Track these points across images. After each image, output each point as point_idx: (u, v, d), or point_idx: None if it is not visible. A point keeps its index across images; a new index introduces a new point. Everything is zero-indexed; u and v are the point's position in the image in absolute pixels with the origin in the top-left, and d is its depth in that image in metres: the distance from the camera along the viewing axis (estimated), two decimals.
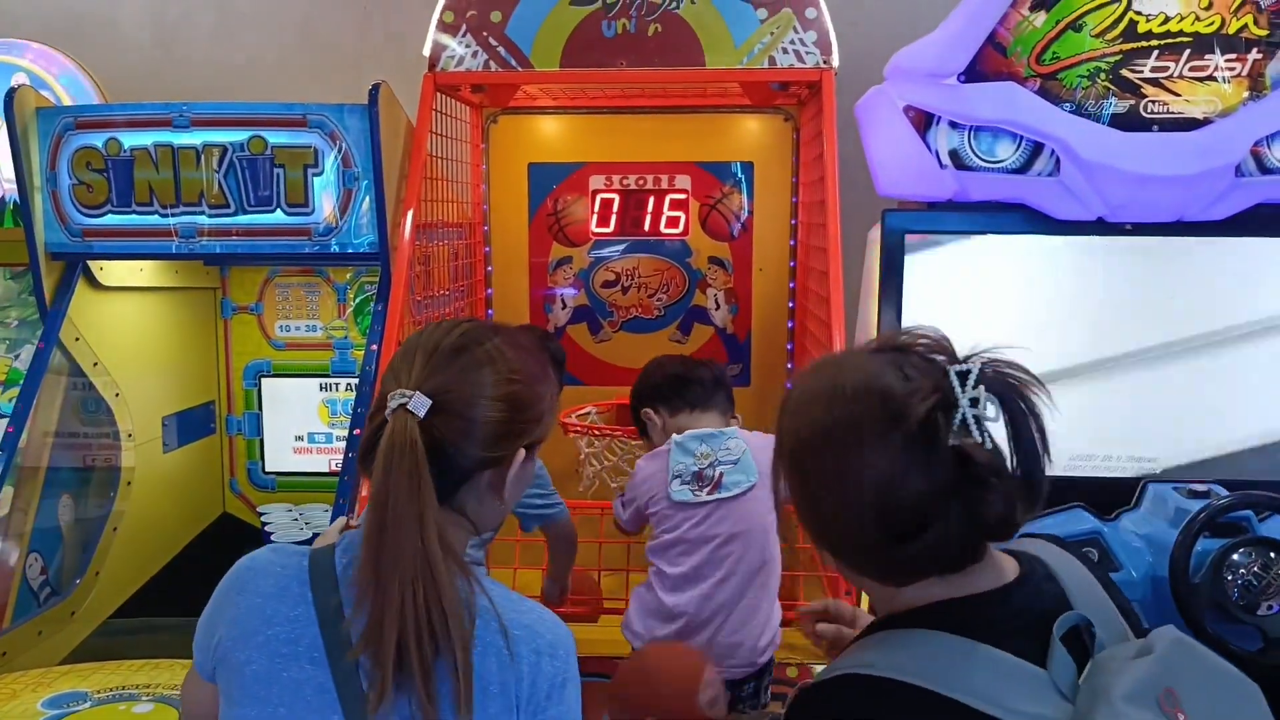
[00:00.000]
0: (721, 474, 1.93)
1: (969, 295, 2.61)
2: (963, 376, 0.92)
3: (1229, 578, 2.26)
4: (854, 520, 0.95)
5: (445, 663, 1.03)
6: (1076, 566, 1.03)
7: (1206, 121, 2.48)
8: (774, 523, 1.99)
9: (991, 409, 0.92)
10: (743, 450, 1.96)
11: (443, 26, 2.76)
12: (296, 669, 1.07)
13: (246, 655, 1.08)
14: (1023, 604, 0.97)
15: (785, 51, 2.69)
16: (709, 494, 1.93)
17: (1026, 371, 0.95)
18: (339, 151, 2.65)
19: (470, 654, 1.04)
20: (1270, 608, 2.25)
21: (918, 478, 0.91)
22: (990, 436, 0.92)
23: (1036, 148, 2.50)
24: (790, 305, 3.31)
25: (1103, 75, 2.48)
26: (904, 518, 0.93)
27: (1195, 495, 2.43)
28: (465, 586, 1.07)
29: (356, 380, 2.70)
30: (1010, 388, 0.93)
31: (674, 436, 1.98)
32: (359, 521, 1.10)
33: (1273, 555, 2.26)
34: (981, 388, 0.91)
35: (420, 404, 1.05)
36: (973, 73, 2.52)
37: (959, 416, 0.91)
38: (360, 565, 1.05)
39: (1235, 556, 2.26)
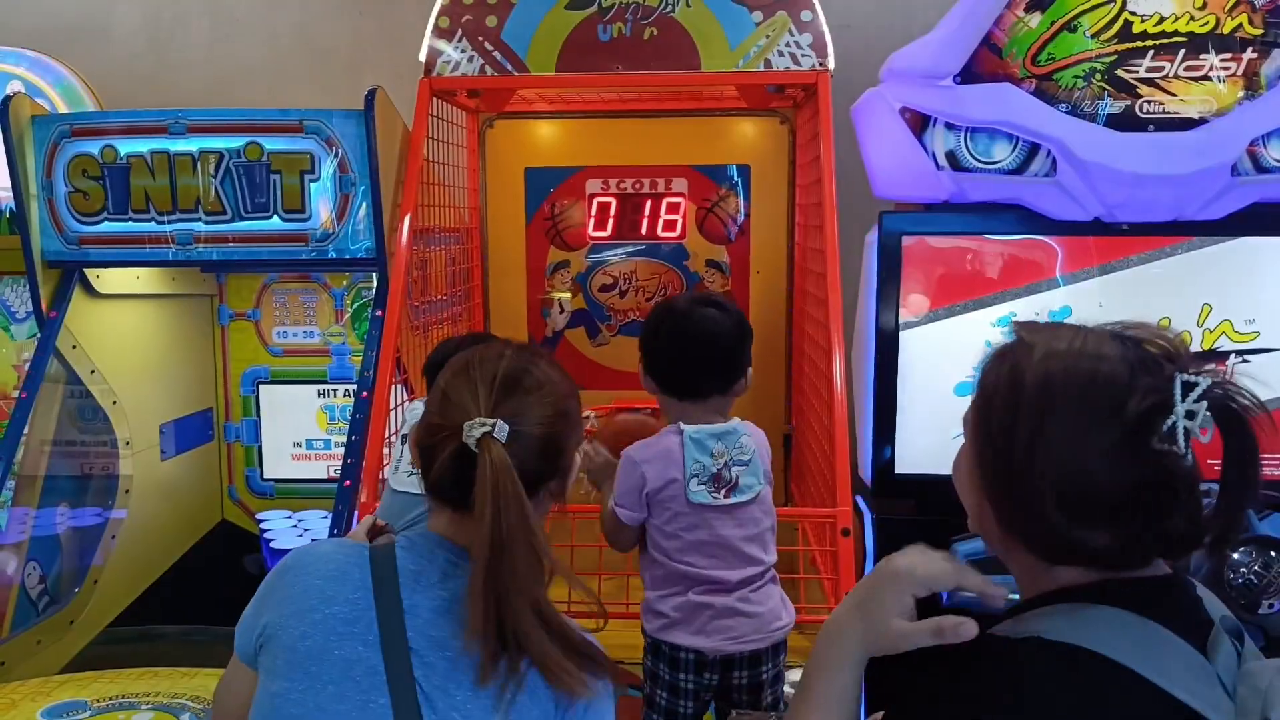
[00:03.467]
0: (738, 476, 1.91)
1: (968, 296, 2.61)
2: (1187, 387, 0.91)
3: (1229, 576, 2.27)
4: (1049, 493, 0.94)
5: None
6: (1204, 588, 1.04)
7: (1202, 121, 2.48)
8: (774, 526, 1.98)
9: (1209, 432, 0.91)
10: (753, 450, 1.94)
11: (438, 31, 2.76)
12: (349, 648, 1.10)
13: (302, 630, 1.12)
14: (1187, 600, 0.97)
15: (781, 54, 2.69)
16: (726, 497, 1.91)
17: (1258, 401, 0.93)
18: (335, 157, 2.65)
19: (573, 675, 1.12)
20: (1271, 606, 2.26)
21: (1120, 470, 0.91)
22: (1194, 455, 0.91)
23: (1033, 149, 2.50)
24: (788, 307, 3.31)
25: (1098, 75, 2.49)
26: (1090, 505, 0.93)
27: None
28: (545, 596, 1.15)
29: (355, 386, 2.70)
30: (1233, 414, 0.91)
31: (687, 431, 1.92)
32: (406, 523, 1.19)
33: (1273, 554, 2.26)
34: (1203, 405, 0.90)
35: (502, 430, 1.13)
36: (968, 74, 2.52)
37: (1169, 423, 0.90)
38: (476, 580, 1.10)
39: (1236, 555, 2.26)
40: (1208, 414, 0.90)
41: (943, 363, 2.57)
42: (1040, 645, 0.92)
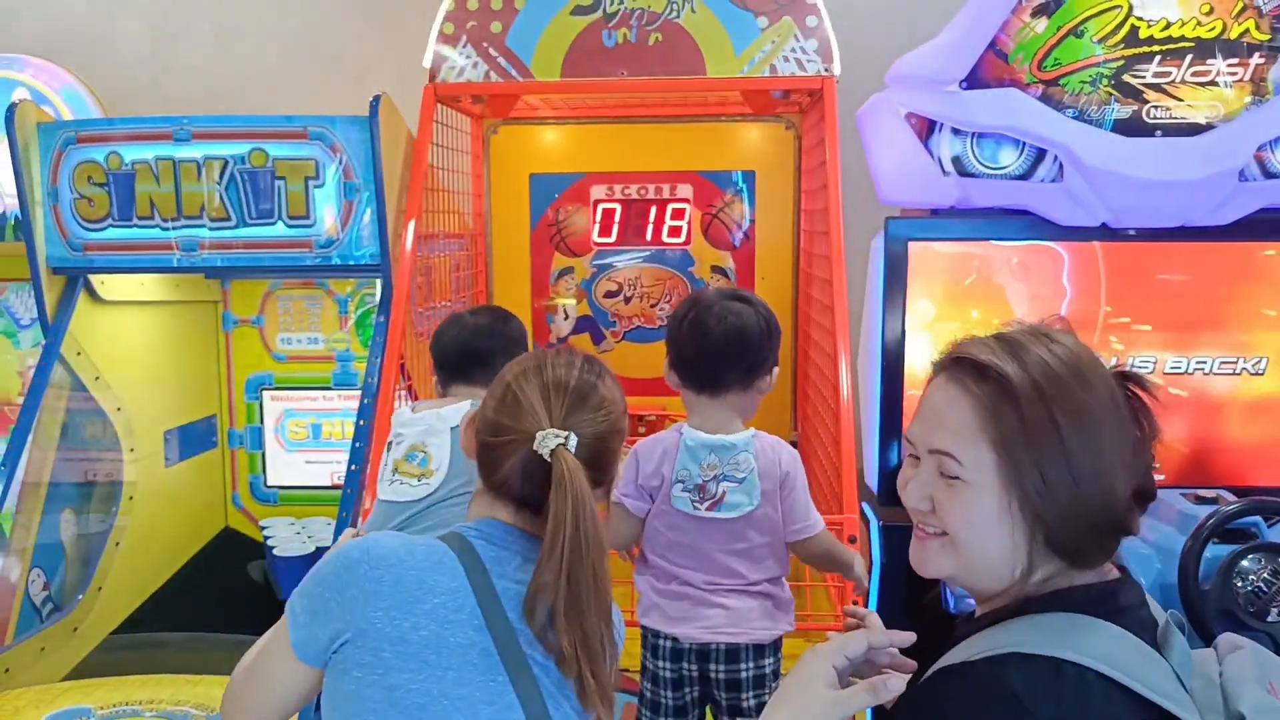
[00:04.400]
0: (724, 492, 1.89)
1: (974, 302, 2.60)
2: (1127, 378, 1.02)
3: (1238, 584, 2.25)
4: (1089, 500, 0.96)
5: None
6: None
7: (1209, 126, 2.48)
8: (771, 543, 1.93)
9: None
10: (750, 468, 1.89)
11: (443, 38, 2.76)
12: (462, 634, 1.15)
13: (413, 621, 1.14)
14: (1136, 599, 1.00)
15: (786, 59, 2.69)
16: (708, 510, 1.90)
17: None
18: (340, 163, 2.64)
19: (607, 684, 1.19)
20: None
21: (1134, 472, 0.99)
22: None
23: (1039, 154, 2.49)
24: (794, 313, 3.30)
25: (1105, 81, 2.48)
26: (1120, 506, 0.97)
27: (1203, 501, 2.42)
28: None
29: (359, 392, 2.69)
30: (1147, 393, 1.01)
31: (684, 436, 1.91)
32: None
33: None
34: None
35: (574, 442, 1.20)
36: (974, 79, 2.51)
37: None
38: (558, 582, 1.15)
39: (1244, 562, 2.25)
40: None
41: None
42: (1022, 660, 0.92)
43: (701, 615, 1.91)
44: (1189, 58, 2.46)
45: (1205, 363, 2.62)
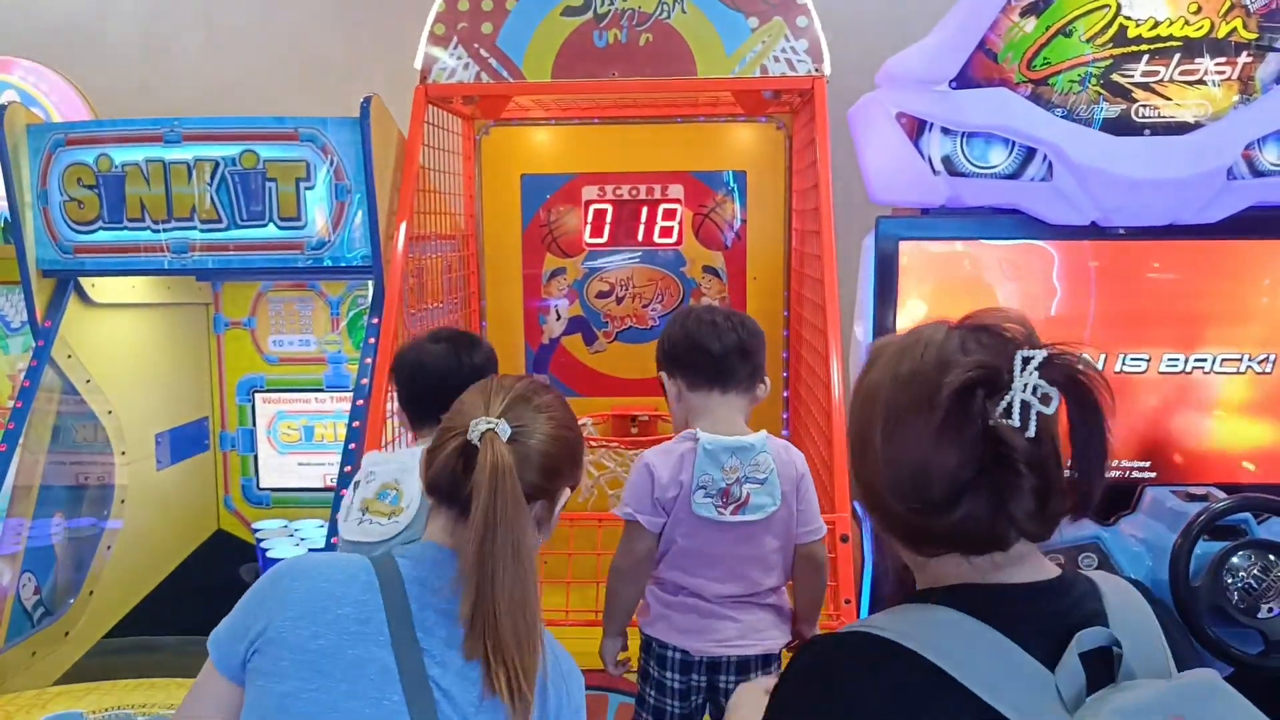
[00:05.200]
0: (749, 494, 1.86)
1: (964, 300, 2.60)
2: (1025, 361, 0.90)
3: (1229, 581, 2.26)
4: (893, 488, 0.96)
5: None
6: (1135, 599, 0.98)
7: (1198, 125, 2.49)
8: (783, 547, 1.92)
9: (1051, 402, 0.89)
10: (770, 469, 1.88)
11: (434, 39, 2.76)
12: (363, 648, 1.13)
13: (313, 631, 1.13)
14: (1050, 608, 0.94)
15: (777, 60, 2.69)
16: (733, 514, 1.86)
17: (1097, 371, 0.93)
18: (331, 165, 2.64)
19: (546, 677, 1.17)
20: (1271, 610, 2.25)
21: (953, 452, 0.91)
22: (1044, 429, 0.90)
23: (1029, 153, 2.50)
24: (785, 313, 3.31)
25: (1094, 80, 2.49)
26: (936, 490, 0.92)
27: (1193, 499, 2.43)
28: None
29: (352, 394, 2.69)
30: (1077, 383, 0.91)
31: (702, 441, 1.88)
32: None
33: (1272, 558, 2.26)
34: (1036, 374, 0.89)
35: (504, 429, 1.18)
36: (964, 79, 2.52)
37: (1007, 400, 0.89)
38: (467, 567, 1.14)
39: (1235, 559, 2.26)
40: (1050, 387, 0.89)
41: None
42: (861, 639, 0.95)
43: (712, 629, 1.89)
44: (1177, 57, 2.47)
45: (1205, 360, 2.62)
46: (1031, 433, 0.89)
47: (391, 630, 1.14)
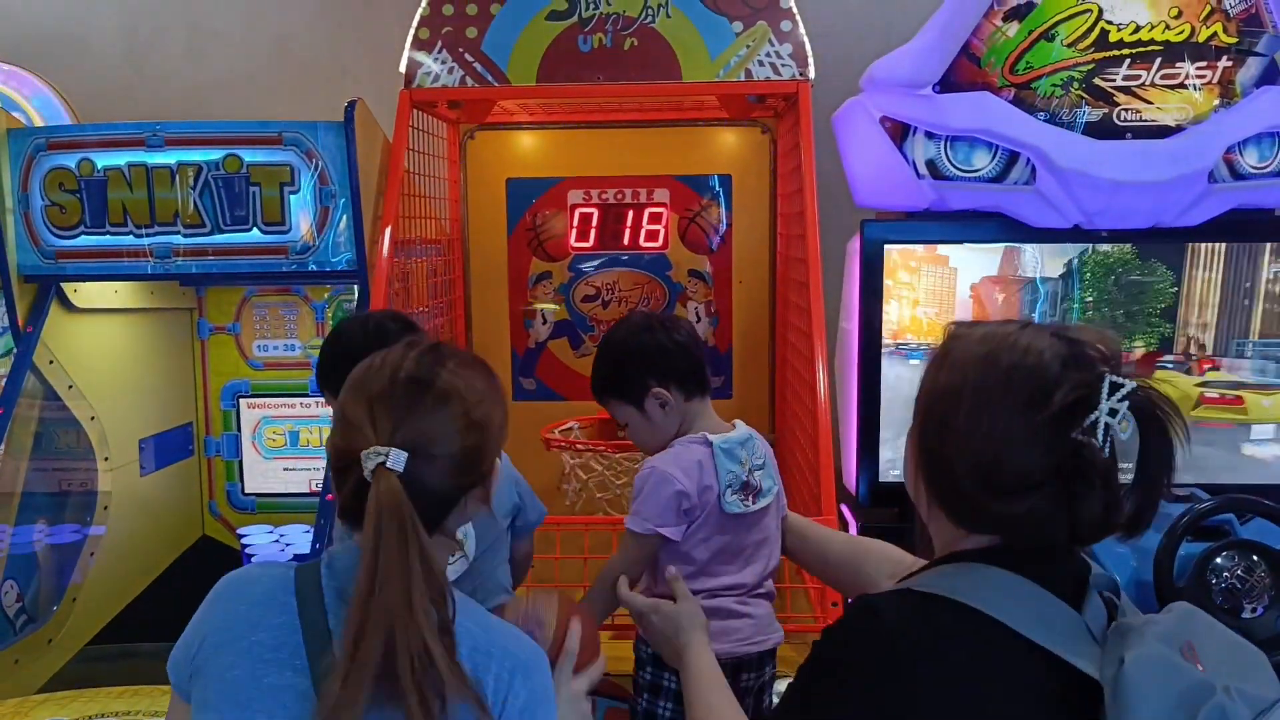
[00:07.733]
0: (760, 481, 1.88)
1: (948, 303, 2.62)
2: (1114, 387, 0.99)
3: (1213, 581, 2.28)
4: (966, 467, 1.04)
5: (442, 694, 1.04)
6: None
7: (1179, 129, 2.51)
8: (778, 528, 1.94)
9: (1128, 427, 0.99)
10: (766, 452, 1.92)
11: (418, 43, 2.75)
12: (278, 675, 1.08)
13: (230, 660, 1.09)
14: (1069, 566, 1.05)
15: (761, 64, 2.70)
16: (753, 502, 1.87)
17: (1176, 409, 1.02)
18: (315, 169, 2.63)
19: (466, 683, 1.05)
20: (1254, 610, 2.27)
21: (1035, 453, 1.01)
22: (1113, 450, 1.00)
23: (1012, 157, 2.52)
24: (770, 317, 3.31)
25: (1076, 84, 2.51)
26: (1008, 480, 1.02)
27: (1177, 499, 2.45)
28: (446, 615, 1.08)
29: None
30: (1154, 417, 1.00)
31: (716, 442, 1.84)
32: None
33: (1255, 558, 2.27)
34: (1125, 404, 0.98)
35: (398, 459, 1.06)
36: (948, 83, 2.54)
37: (1092, 418, 0.99)
38: (351, 609, 1.05)
39: (1219, 560, 2.27)
40: (1129, 414, 0.99)
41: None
42: (902, 595, 1.05)
43: (731, 629, 1.86)
44: (1158, 61, 2.49)
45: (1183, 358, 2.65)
46: (1107, 452, 0.99)
47: (308, 653, 1.07)
